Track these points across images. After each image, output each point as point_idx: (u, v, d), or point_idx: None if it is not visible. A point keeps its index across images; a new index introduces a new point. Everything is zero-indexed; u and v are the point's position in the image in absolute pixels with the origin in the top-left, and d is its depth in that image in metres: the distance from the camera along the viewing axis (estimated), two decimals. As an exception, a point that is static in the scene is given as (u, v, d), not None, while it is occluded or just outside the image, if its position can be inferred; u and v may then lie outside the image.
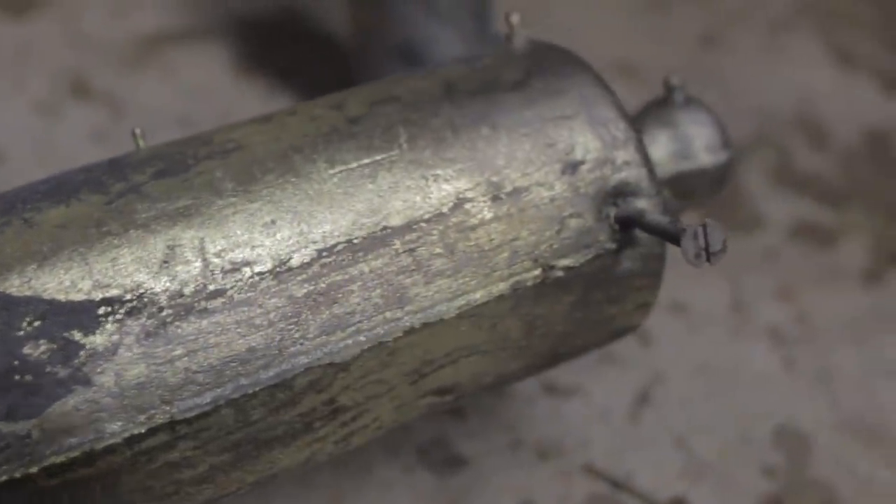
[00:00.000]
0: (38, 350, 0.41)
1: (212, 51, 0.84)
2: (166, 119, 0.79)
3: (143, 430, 0.42)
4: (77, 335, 0.42)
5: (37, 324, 0.42)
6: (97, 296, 0.42)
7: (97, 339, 0.42)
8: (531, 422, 0.63)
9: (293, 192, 0.46)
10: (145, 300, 0.43)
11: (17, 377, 0.41)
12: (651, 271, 0.51)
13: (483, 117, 0.49)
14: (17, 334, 0.41)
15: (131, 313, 0.42)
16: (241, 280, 0.44)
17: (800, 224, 0.76)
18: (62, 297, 0.42)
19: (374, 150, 0.48)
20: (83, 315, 0.42)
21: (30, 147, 0.76)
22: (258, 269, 0.44)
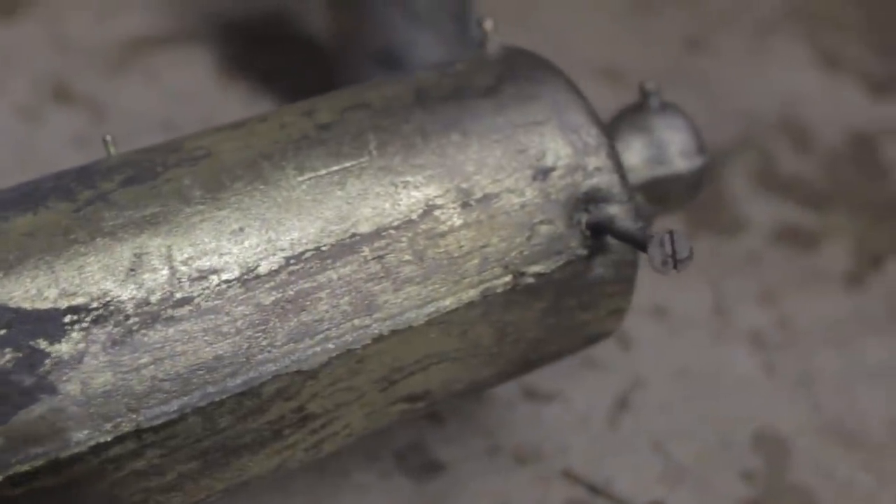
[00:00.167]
0: (3, 359, 0.41)
1: (195, 55, 0.84)
2: (149, 123, 0.79)
3: (110, 439, 0.42)
4: (43, 343, 0.42)
5: (2, 332, 0.41)
6: (63, 304, 0.42)
7: (63, 348, 0.42)
8: (510, 427, 0.63)
9: (261, 200, 0.46)
10: (111, 308, 0.43)
11: (-18, 386, 0.41)
12: (624, 277, 0.51)
13: (454, 123, 0.49)
14: (-17, 343, 0.41)
15: (97, 321, 0.42)
16: (208, 288, 0.44)
17: (783, 227, 0.76)
18: (28, 306, 0.42)
19: (343, 156, 0.48)
20: (49, 323, 0.42)
21: (11, 152, 0.75)
22: (226, 276, 0.44)
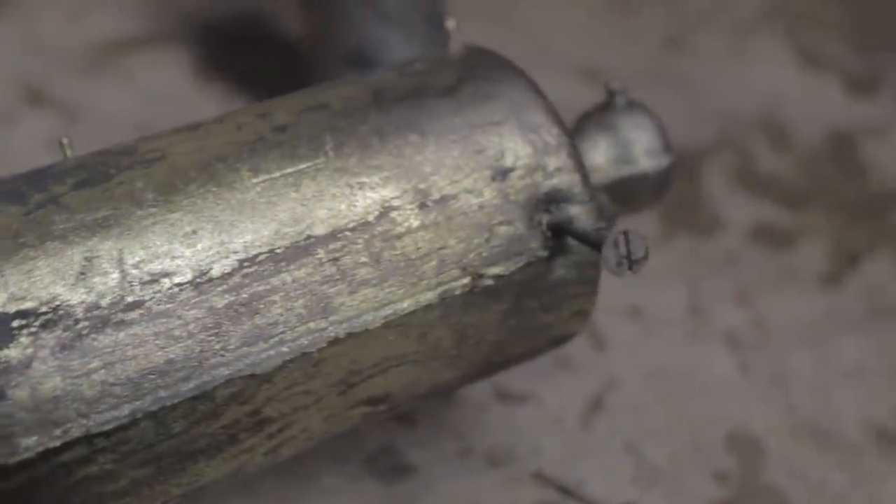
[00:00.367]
0: (-50, 364, 0.41)
1: (170, 56, 0.84)
2: (124, 125, 0.78)
3: (59, 444, 0.42)
4: (-10, 349, 0.41)
5: (-51, 337, 0.41)
6: (11, 308, 0.42)
7: (11, 353, 0.41)
8: (483, 429, 0.63)
9: (215, 202, 0.45)
10: (61, 312, 0.42)
11: (-71, 392, 0.41)
12: (586, 278, 0.51)
13: (411, 124, 0.49)
14: (-69, 348, 0.41)
15: (46, 326, 0.42)
16: (159, 291, 0.44)
17: (759, 226, 0.75)
18: (-24, 311, 0.42)
19: (298, 158, 0.47)
20: (-3, 328, 0.42)
21: (-16, 155, 0.75)
22: (178, 280, 0.44)
